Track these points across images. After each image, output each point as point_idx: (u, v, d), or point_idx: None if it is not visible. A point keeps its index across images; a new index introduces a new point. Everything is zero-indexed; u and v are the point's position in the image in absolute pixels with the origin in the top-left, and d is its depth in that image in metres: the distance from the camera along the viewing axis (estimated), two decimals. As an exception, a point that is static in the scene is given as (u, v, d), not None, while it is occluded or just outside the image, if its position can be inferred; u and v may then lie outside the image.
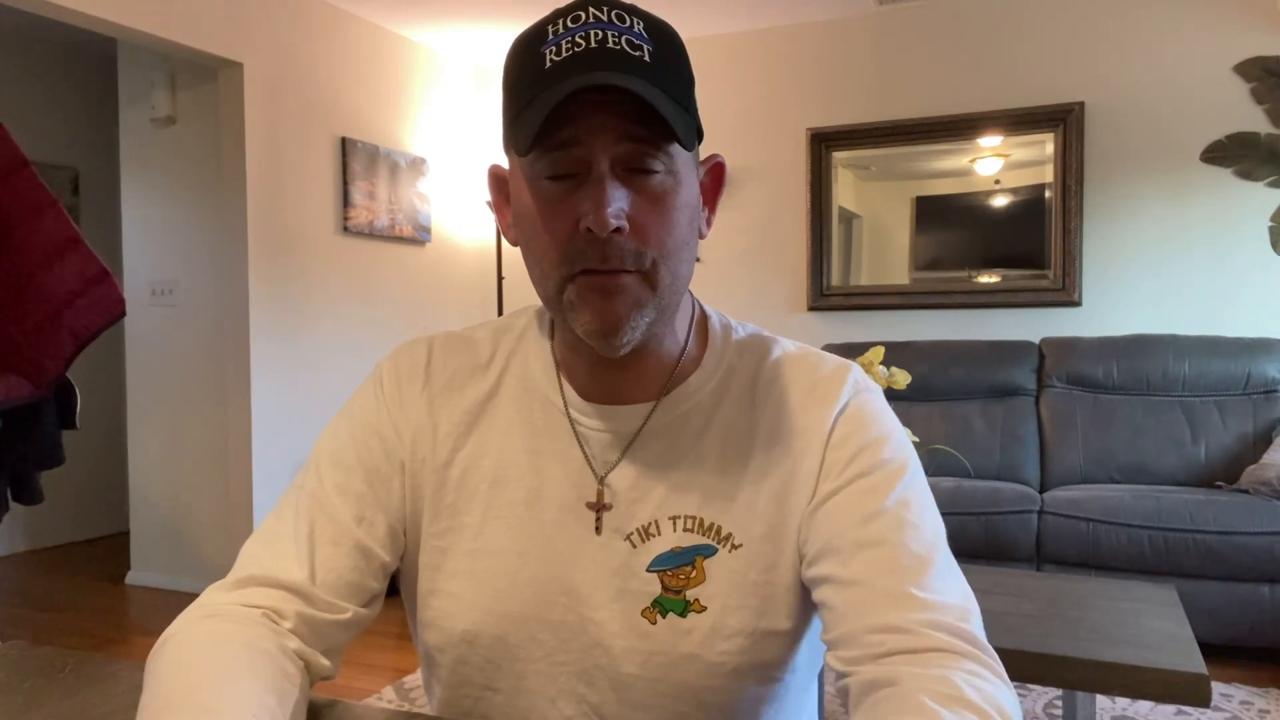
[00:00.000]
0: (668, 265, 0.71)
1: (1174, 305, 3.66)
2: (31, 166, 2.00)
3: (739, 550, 0.74)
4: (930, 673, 0.61)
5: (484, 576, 0.77)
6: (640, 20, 0.70)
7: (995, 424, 3.58)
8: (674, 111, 0.67)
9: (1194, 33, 3.60)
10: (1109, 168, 3.73)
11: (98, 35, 3.29)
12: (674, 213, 0.71)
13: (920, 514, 0.72)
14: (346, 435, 0.81)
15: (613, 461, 0.77)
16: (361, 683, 2.79)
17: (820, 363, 0.79)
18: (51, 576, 4.19)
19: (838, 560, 0.69)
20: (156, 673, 0.65)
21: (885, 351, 2.09)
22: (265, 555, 0.75)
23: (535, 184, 0.71)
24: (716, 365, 0.79)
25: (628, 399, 0.78)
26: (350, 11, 4.02)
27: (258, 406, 3.61)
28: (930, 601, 0.66)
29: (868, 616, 0.66)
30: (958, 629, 0.65)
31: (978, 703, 0.59)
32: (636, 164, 0.69)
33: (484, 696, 0.78)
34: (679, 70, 0.71)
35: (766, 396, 0.77)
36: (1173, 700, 1.34)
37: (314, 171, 3.86)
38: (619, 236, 0.68)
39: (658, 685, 0.74)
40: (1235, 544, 2.81)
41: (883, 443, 0.74)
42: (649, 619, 0.74)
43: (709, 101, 4.35)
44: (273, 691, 0.65)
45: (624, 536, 0.75)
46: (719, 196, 0.80)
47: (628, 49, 0.67)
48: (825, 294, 4.15)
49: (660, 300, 0.72)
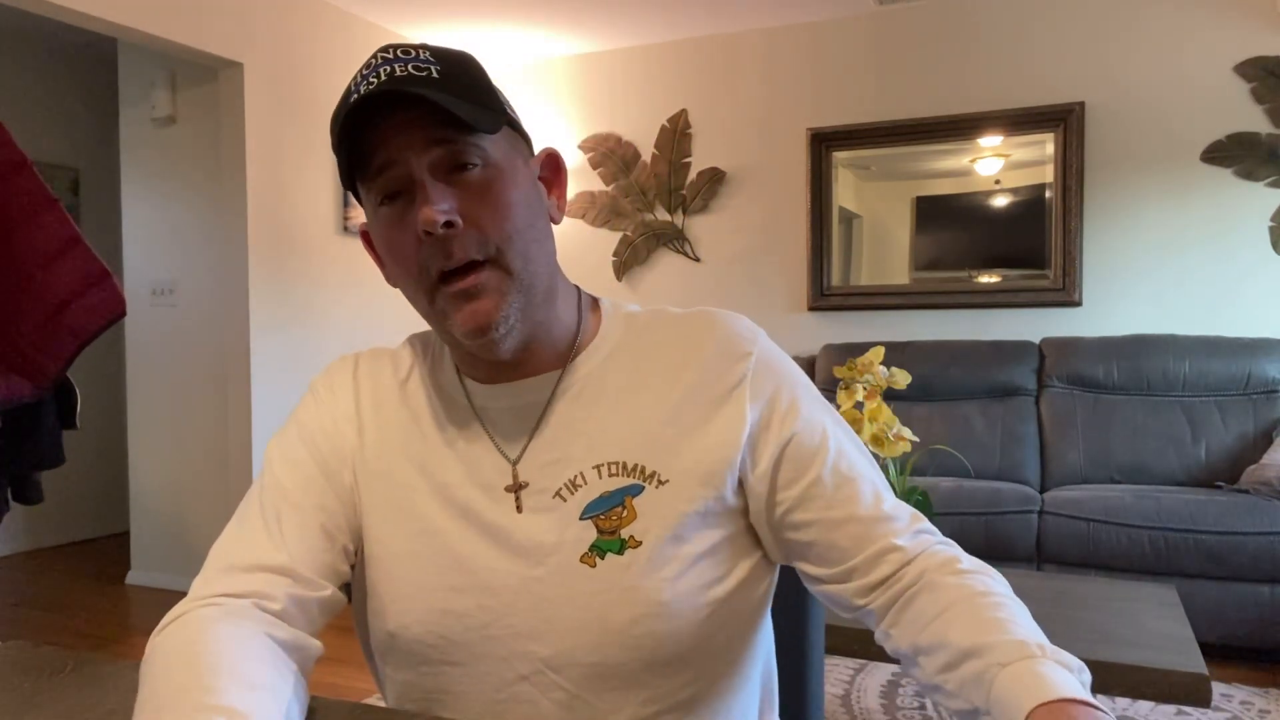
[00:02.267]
0: (514, 247, 0.75)
1: (1174, 305, 3.66)
2: (31, 166, 2.00)
3: (666, 485, 0.78)
4: (934, 561, 0.76)
5: (427, 557, 0.80)
6: (426, 51, 0.76)
7: (995, 424, 3.58)
8: (466, 107, 0.73)
9: (1194, 33, 3.60)
10: (1109, 168, 3.73)
11: (98, 35, 3.30)
12: (504, 199, 0.76)
13: (853, 442, 0.83)
14: (295, 437, 0.85)
15: (527, 432, 0.81)
16: (362, 683, 2.79)
17: (713, 315, 0.85)
18: (51, 576, 4.19)
19: (821, 505, 0.79)
20: (149, 675, 0.66)
21: (885, 351, 2.09)
22: (240, 545, 0.78)
23: (377, 215, 0.77)
24: (615, 330, 0.85)
25: (531, 374, 0.83)
26: (350, 11, 4.03)
27: (258, 406, 3.61)
28: (896, 514, 0.79)
29: (870, 545, 0.77)
30: (922, 526, 0.80)
31: (973, 565, 0.77)
32: (454, 165, 0.74)
33: (443, 671, 0.80)
34: (470, 79, 0.76)
35: (671, 349, 0.83)
36: (1173, 700, 1.34)
37: (314, 171, 3.86)
38: (455, 231, 0.73)
39: (605, 623, 0.76)
40: (1235, 544, 2.81)
41: (804, 388, 0.83)
42: (589, 563, 0.77)
43: (709, 101, 4.36)
44: (268, 687, 0.66)
45: (552, 494, 0.79)
46: (563, 181, 0.85)
47: (414, 72, 0.73)
48: (825, 294, 4.15)
49: (521, 283, 0.76)
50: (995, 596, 0.71)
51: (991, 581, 0.74)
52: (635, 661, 0.77)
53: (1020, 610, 0.71)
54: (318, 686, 2.62)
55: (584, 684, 0.77)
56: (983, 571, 0.76)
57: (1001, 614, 0.69)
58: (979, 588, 0.72)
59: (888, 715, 2.50)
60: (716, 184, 4.33)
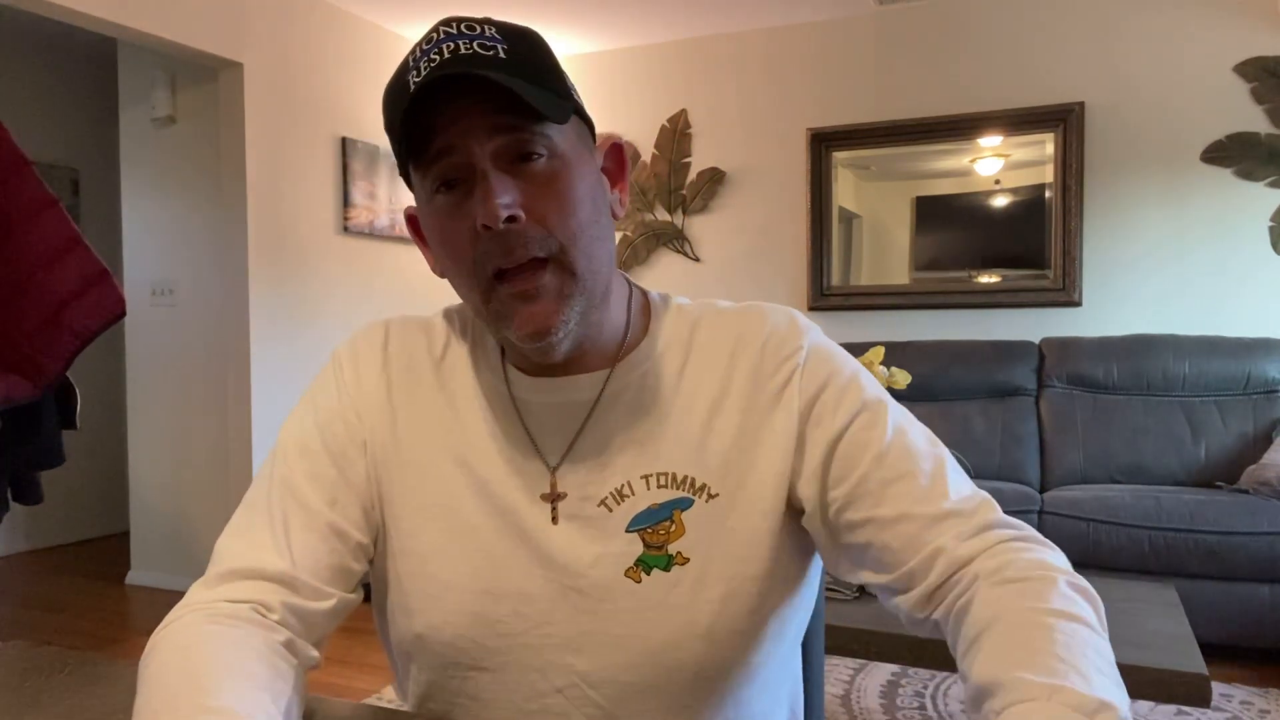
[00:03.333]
0: (578, 246, 0.71)
1: (1174, 305, 3.66)
2: (31, 166, 2.00)
3: (716, 500, 0.75)
4: (988, 565, 0.68)
5: (460, 555, 0.76)
6: (491, 26, 0.71)
7: (995, 424, 3.58)
8: (536, 92, 0.68)
9: (1194, 33, 3.60)
10: (1109, 168, 3.73)
11: (98, 35, 3.29)
12: (570, 193, 0.71)
13: (916, 432, 0.76)
14: (311, 422, 0.81)
15: (569, 434, 0.77)
16: (362, 683, 2.79)
17: (764, 312, 0.81)
18: (51, 576, 4.19)
19: (871, 502, 0.72)
20: (147, 677, 0.65)
21: (885, 351, 2.09)
22: (243, 547, 0.75)
23: (431, 202, 0.72)
24: (664, 330, 0.80)
25: (581, 371, 0.78)
26: (350, 11, 4.02)
27: (258, 406, 3.61)
28: (963, 510, 0.71)
29: (923, 546, 0.70)
30: (995, 521, 0.72)
31: (1025, 570, 0.66)
32: (518, 154, 0.70)
33: (471, 676, 0.77)
34: (538, 61, 0.71)
35: (720, 350, 0.78)
36: (1173, 700, 1.34)
37: (314, 171, 3.86)
38: (518, 226, 0.68)
39: (648, 642, 0.73)
40: (1235, 544, 2.81)
41: (858, 379, 0.77)
42: (633, 578, 0.74)
43: (709, 101, 4.36)
44: (266, 690, 0.65)
45: (597, 502, 0.75)
46: (626, 175, 0.81)
47: (480, 50, 0.68)
48: (825, 294, 4.15)
49: (583, 284, 0.72)
50: (1036, 613, 0.62)
51: (1044, 590, 0.64)
52: (675, 684, 0.74)
53: (1062, 628, 0.61)
54: (318, 686, 2.62)
55: (620, 702, 0.75)
56: (1032, 578, 0.65)
57: (1033, 637, 0.60)
58: (1021, 604, 0.63)
59: (887, 715, 2.50)
60: (716, 184, 4.33)
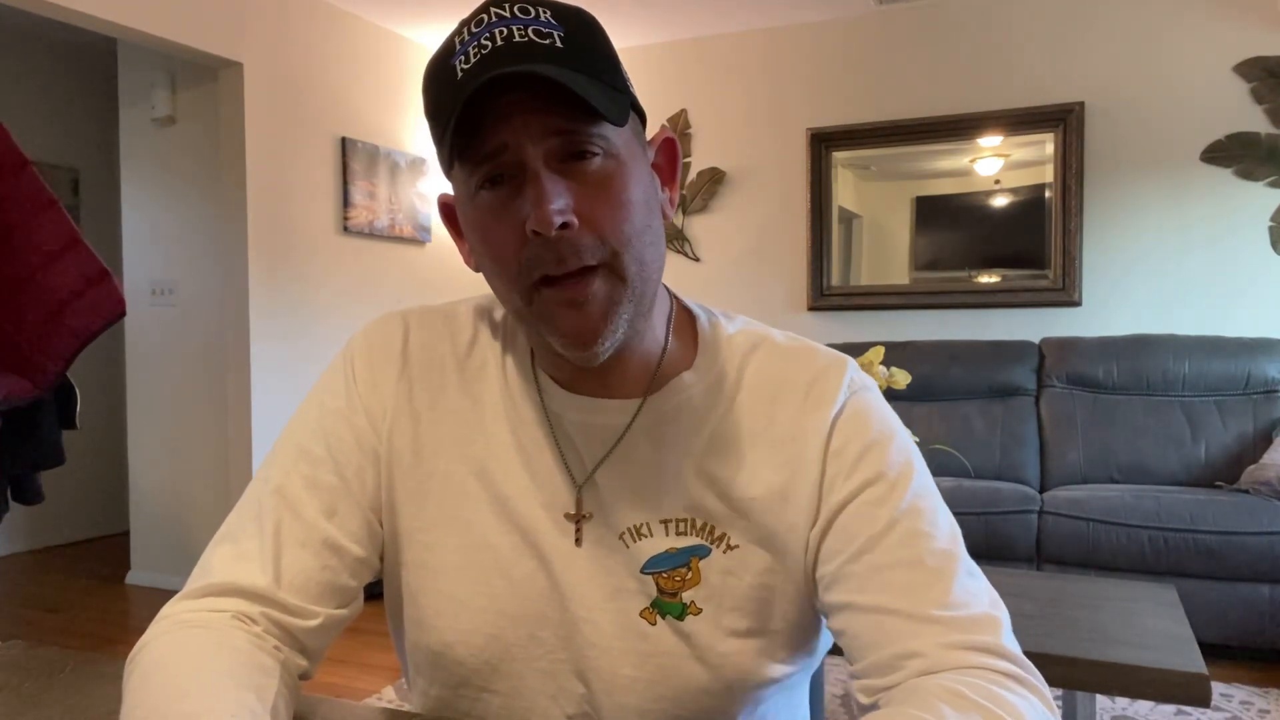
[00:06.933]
0: (631, 252, 0.66)
1: (1174, 305, 3.66)
2: (31, 166, 2.00)
3: (734, 551, 0.72)
4: (943, 681, 0.60)
5: (477, 574, 0.74)
6: (546, 9, 0.65)
7: (995, 424, 3.58)
8: (596, 90, 0.63)
9: (1194, 33, 3.60)
10: (1109, 168, 3.73)
11: (98, 35, 3.29)
12: (624, 196, 0.66)
13: (933, 520, 0.69)
14: (315, 423, 0.76)
15: (597, 459, 0.73)
16: (362, 683, 2.79)
17: (814, 358, 0.75)
18: (51, 576, 4.19)
19: (854, 585, 0.67)
20: (132, 685, 0.64)
21: (885, 351, 2.09)
22: (228, 560, 0.72)
23: (476, 199, 0.68)
24: (709, 364, 0.75)
25: (613, 394, 0.74)
26: (350, 11, 4.02)
27: (258, 406, 3.61)
28: (955, 620, 0.64)
29: (893, 645, 0.64)
30: (986, 645, 0.63)
31: (981, 702, 0.58)
32: (571, 153, 0.65)
33: (481, 698, 0.76)
34: (597, 50, 0.66)
35: (759, 395, 0.74)
36: (1173, 700, 1.34)
37: (314, 171, 3.86)
38: (570, 232, 0.64)
39: (656, 688, 0.72)
40: (1235, 544, 2.81)
41: (885, 446, 0.71)
42: (648, 619, 0.72)
43: (710, 101, 4.36)
44: (251, 689, 0.63)
45: (616, 535, 0.73)
46: (677, 173, 0.75)
47: (536, 39, 0.63)
48: (825, 294, 4.15)
49: (634, 291, 0.67)
50: None
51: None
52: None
53: None
54: (318, 686, 2.62)
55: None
56: (987, 710, 0.57)
57: None
58: (940, 712, 0.57)
59: (888, 715, 2.49)
60: (716, 184, 4.33)
